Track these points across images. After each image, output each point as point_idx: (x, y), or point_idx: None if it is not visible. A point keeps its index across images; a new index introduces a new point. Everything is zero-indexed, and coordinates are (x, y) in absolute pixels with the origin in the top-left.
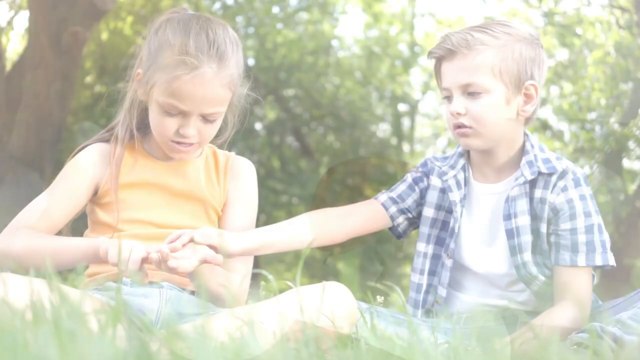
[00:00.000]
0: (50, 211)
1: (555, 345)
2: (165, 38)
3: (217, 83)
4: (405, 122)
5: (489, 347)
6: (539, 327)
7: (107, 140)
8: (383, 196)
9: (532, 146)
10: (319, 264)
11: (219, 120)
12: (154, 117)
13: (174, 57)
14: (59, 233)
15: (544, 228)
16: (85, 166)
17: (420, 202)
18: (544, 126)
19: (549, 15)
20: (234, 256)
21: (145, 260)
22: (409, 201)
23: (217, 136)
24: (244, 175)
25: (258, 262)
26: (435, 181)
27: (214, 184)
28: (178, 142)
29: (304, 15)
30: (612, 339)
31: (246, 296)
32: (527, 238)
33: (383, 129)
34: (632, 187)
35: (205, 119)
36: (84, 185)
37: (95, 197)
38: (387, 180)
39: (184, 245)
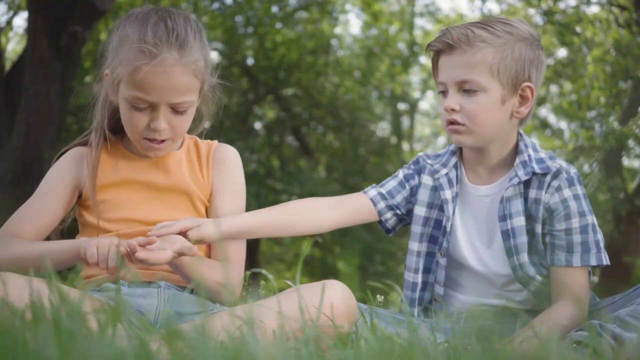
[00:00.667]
0: (35, 218)
1: (555, 344)
2: (124, 32)
3: (181, 70)
4: (405, 121)
5: (489, 346)
6: (539, 326)
7: (86, 144)
8: (372, 191)
9: (526, 146)
10: (319, 263)
11: (190, 111)
12: (124, 114)
13: (133, 47)
14: (48, 238)
15: (539, 228)
16: (65, 172)
17: (410, 200)
18: (544, 124)
19: (548, 13)
20: (210, 242)
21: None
22: (399, 198)
23: (191, 129)
24: (227, 162)
25: (258, 261)
26: (426, 179)
27: (197, 175)
28: (151, 139)
29: (303, 15)
30: (611, 337)
31: (241, 286)
32: (523, 239)
33: (382, 128)
34: (631, 186)
35: (175, 110)
36: (65, 190)
37: (80, 200)
38: None
39: (160, 236)
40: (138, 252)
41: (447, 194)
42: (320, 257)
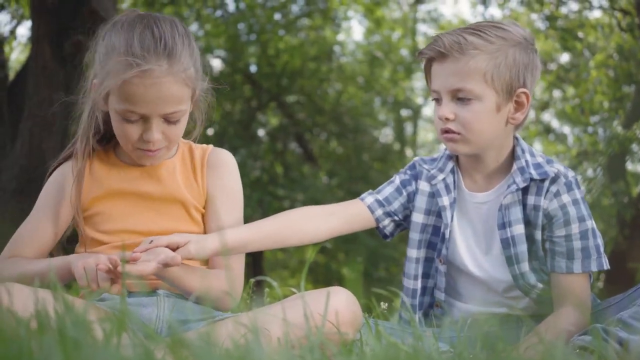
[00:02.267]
0: (32, 238)
1: (560, 351)
2: (111, 42)
3: (171, 80)
4: (408, 127)
5: (494, 353)
6: (544, 332)
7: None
8: (369, 198)
9: (523, 151)
10: (323, 269)
11: (183, 119)
12: (116, 126)
13: (120, 60)
14: (50, 255)
15: (538, 235)
16: (58, 188)
17: (407, 206)
18: (547, 129)
19: (550, 18)
20: (196, 259)
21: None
22: (396, 204)
23: (185, 135)
24: (222, 167)
25: (262, 268)
26: (423, 185)
27: (191, 182)
28: (145, 149)
29: (305, 22)
30: (617, 342)
31: (240, 292)
32: (523, 248)
33: (386, 134)
34: (636, 190)
35: (168, 120)
36: (57, 208)
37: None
38: None
39: (145, 251)
40: (119, 267)
41: (445, 200)
42: (324, 263)
